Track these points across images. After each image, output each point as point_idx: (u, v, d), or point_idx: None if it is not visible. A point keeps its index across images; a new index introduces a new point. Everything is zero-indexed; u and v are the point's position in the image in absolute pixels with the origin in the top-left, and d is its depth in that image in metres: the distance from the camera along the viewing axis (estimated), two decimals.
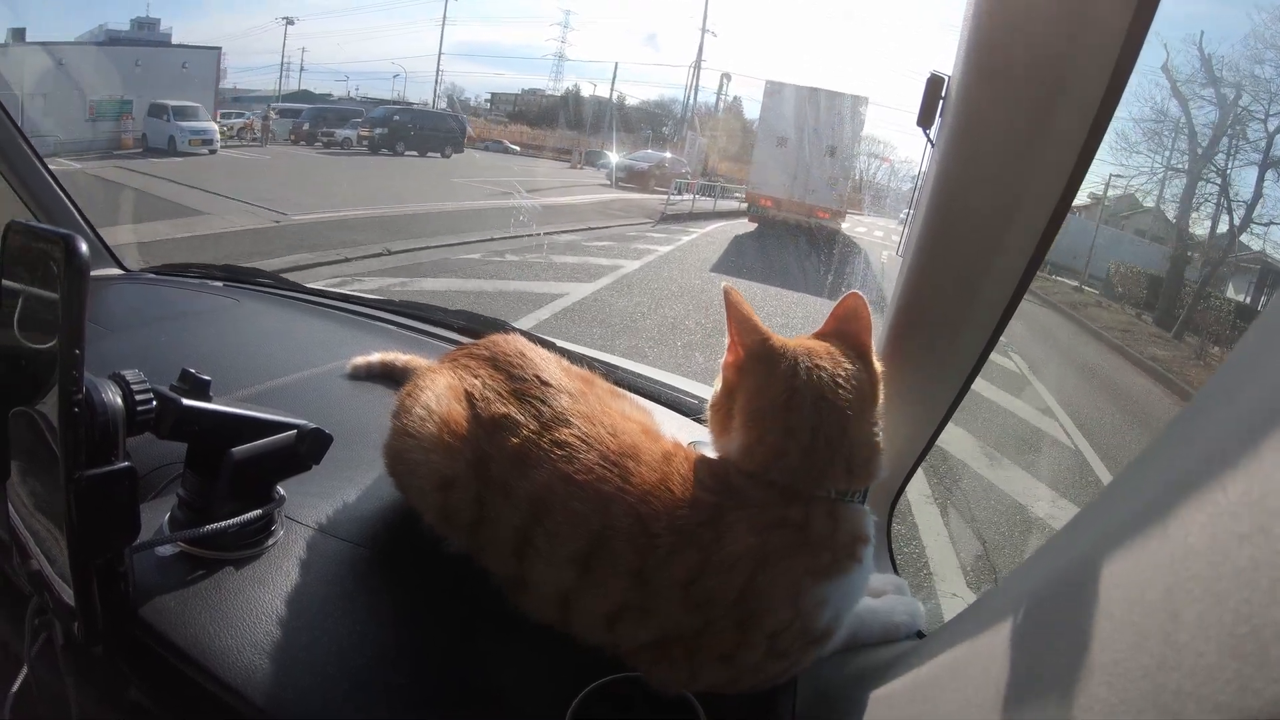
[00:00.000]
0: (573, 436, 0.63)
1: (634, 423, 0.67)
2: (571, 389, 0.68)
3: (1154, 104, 12.17)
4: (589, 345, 1.45)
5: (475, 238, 8.03)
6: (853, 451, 0.59)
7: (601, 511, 0.59)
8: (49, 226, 0.54)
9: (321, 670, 0.59)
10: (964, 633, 0.46)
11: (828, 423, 0.59)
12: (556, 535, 0.60)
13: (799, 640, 0.58)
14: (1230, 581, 0.23)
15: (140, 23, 18.87)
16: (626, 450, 0.62)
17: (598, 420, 0.65)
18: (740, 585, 0.56)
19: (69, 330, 0.50)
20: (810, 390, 0.59)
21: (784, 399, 0.59)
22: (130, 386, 0.58)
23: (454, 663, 0.62)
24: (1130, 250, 12.52)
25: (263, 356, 1.16)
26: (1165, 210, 12.69)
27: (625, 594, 0.58)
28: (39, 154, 1.46)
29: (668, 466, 0.61)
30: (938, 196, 0.63)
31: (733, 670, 0.58)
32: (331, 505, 0.77)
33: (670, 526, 0.58)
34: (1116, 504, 0.35)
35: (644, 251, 8.81)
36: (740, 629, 0.57)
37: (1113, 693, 0.26)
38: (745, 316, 0.63)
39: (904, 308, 0.70)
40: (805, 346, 0.62)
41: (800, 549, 0.57)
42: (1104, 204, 13.21)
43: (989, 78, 0.57)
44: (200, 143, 12.94)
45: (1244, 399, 0.29)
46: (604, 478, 0.60)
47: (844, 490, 0.59)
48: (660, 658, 0.59)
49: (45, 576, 0.59)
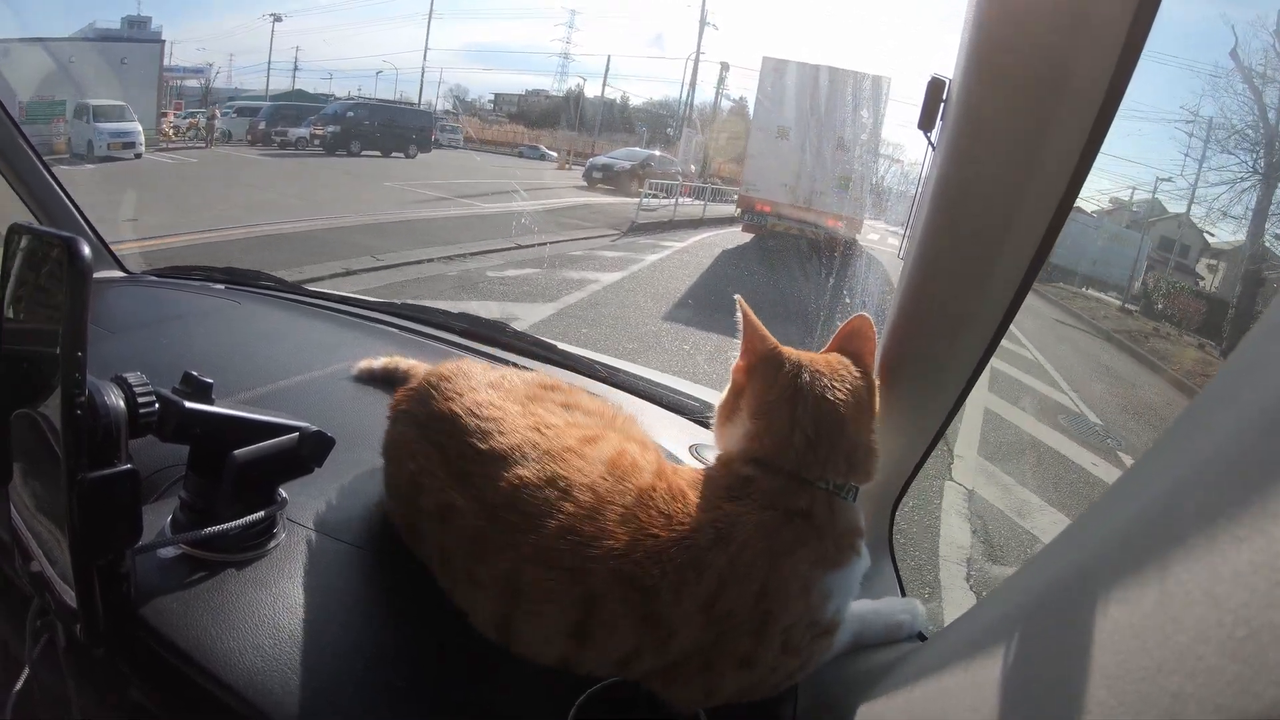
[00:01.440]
0: (529, 509, 0.59)
1: (607, 444, 0.64)
2: (515, 441, 0.63)
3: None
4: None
5: (332, 267, 5.84)
6: (852, 449, 0.63)
7: (581, 582, 0.56)
8: (51, 229, 0.54)
9: (323, 672, 0.59)
10: (965, 636, 0.46)
11: (828, 420, 0.62)
12: (539, 616, 0.58)
13: (809, 633, 0.60)
14: (1229, 584, 0.23)
15: (131, 21, 18.36)
16: (597, 503, 0.58)
17: (557, 472, 0.60)
18: (756, 590, 0.57)
19: (71, 332, 0.50)
20: (812, 390, 0.63)
21: (789, 395, 0.63)
22: (133, 389, 0.58)
23: (455, 665, 0.62)
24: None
25: (265, 359, 1.16)
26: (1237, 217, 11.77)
27: (637, 639, 0.57)
28: (40, 155, 1.47)
29: (650, 504, 0.59)
30: (939, 200, 0.63)
31: (752, 675, 0.59)
32: (334, 508, 0.77)
33: (669, 569, 0.56)
34: (1116, 507, 0.35)
35: (577, 285, 6.30)
36: (756, 631, 0.57)
37: (1112, 695, 0.26)
38: (755, 326, 0.67)
39: (905, 311, 0.70)
40: (809, 356, 0.66)
41: (806, 539, 0.59)
42: (1130, 207, 12.77)
43: (989, 81, 0.57)
44: (121, 146, 11.53)
45: (1244, 401, 0.29)
46: (574, 548, 0.56)
47: (841, 484, 0.62)
48: (674, 679, 0.59)
49: (47, 578, 0.59)
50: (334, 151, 15.57)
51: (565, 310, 5.49)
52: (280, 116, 16.60)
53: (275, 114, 16.75)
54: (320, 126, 16.07)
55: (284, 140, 15.82)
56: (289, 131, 16.01)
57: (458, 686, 0.61)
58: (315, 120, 16.32)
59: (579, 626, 0.57)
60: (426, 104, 25.05)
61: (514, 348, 1.31)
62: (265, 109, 17.08)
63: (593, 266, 7.37)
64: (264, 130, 16.15)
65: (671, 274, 7.70)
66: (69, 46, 13.86)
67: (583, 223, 10.32)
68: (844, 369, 0.65)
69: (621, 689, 0.61)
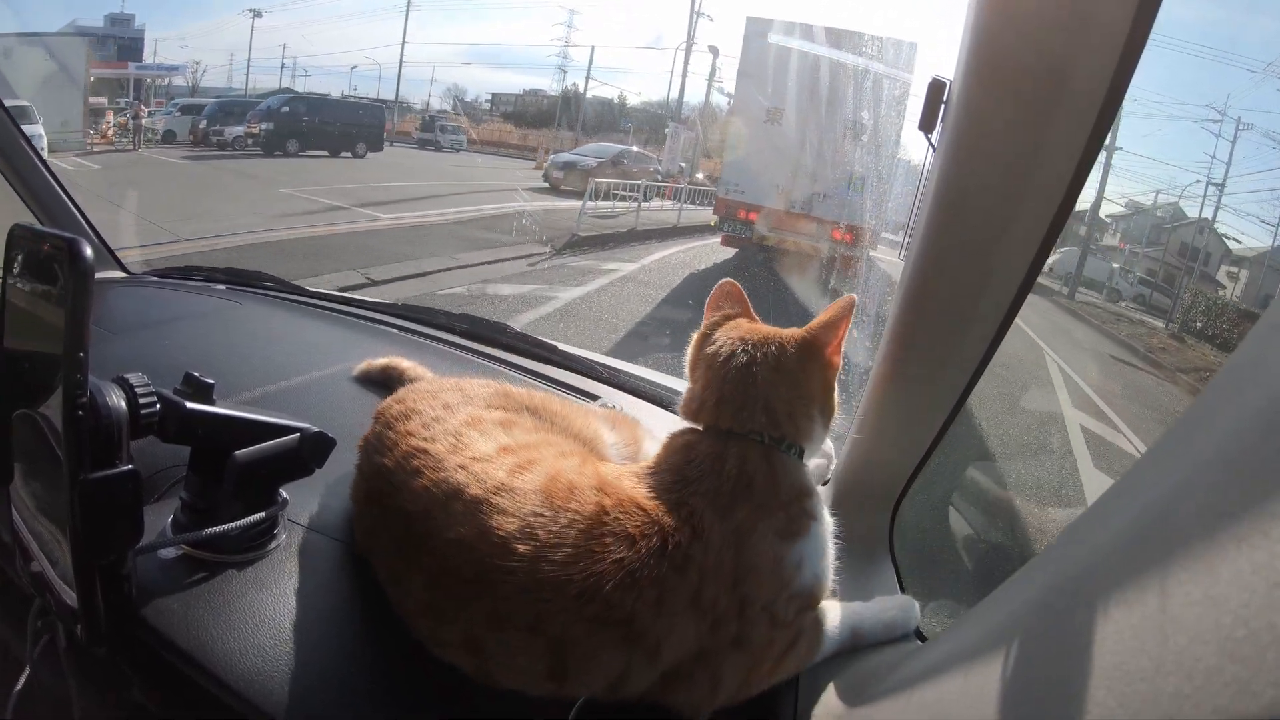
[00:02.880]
0: (469, 574, 0.56)
1: (539, 468, 0.62)
2: (445, 492, 0.60)
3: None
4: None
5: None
6: (769, 402, 0.65)
7: (543, 633, 0.55)
8: (53, 230, 0.54)
9: (322, 672, 0.59)
10: (966, 637, 0.46)
11: (744, 378, 0.65)
12: (510, 668, 0.57)
13: (793, 605, 0.61)
14: (1228, 585, 0.23)
15: (114, 19, 17.95)
16: (539, 550, 0.55)
17: (487, 526, 0.57)
18: (729, 576, 0.57)
19: (73, 333, 0.50)
20: (736, 356, 0.67)
21: (708, 360, 0.68)
22: (134, 390, 0.59)
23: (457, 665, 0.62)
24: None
25: (265, 360, 1.16)
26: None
27: (622, 662, 0.56)
28: (42, 157, 1.47)
29: (604, 530, 0.56)
30: (939, 200, 0.63)
31: (748, 655, 0.59)
32: (334, 509, 0.77)
33: (645, 586, 0.55)
34: (1117, 507, 0.35)
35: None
36: (739, 614, 0.58)
37: (1112, 695, 0.26)
38: (715, 303, 0.74)
39: (905, 311, 0.70)
40: (748, 328, 0.70)
41: (759, 514, 0.60)
42: (1154, 211, 12.17)
43: (990, 82, 0.57)
44: None
45: (1244, 402, 0.29)
46: (526, 605, 0.55)
47: (771, 435, 0.64)
48: (673, 686, 0.58)
49: (48, 578, 0.59)
50: (272, 152, 13.97)
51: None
52: (226, 114, 14.75)
53: (219, 112, 14.83)
54: (255, 124, 14.32)
55: (221, 140, 14.21)
56: (225, 131, 14.30)
57: (458, 686, 0.61)
58: (250, 117, 14.55)
59: (554, 670, 0.56)
60: (407, 101, 24.12)
61: (515, 349, 1.31)
62: (209, 106, 15.18)
63: (481, 306, 5.08)
64: (204, 130, 14.49)
65: (593, 317, 5.36)
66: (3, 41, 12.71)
67: (503, 238, 8.10)
68: (774, 345, 0.67)
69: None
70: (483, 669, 0.58)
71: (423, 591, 0.59)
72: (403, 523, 0.61)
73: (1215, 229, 11.87)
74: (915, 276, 0.68)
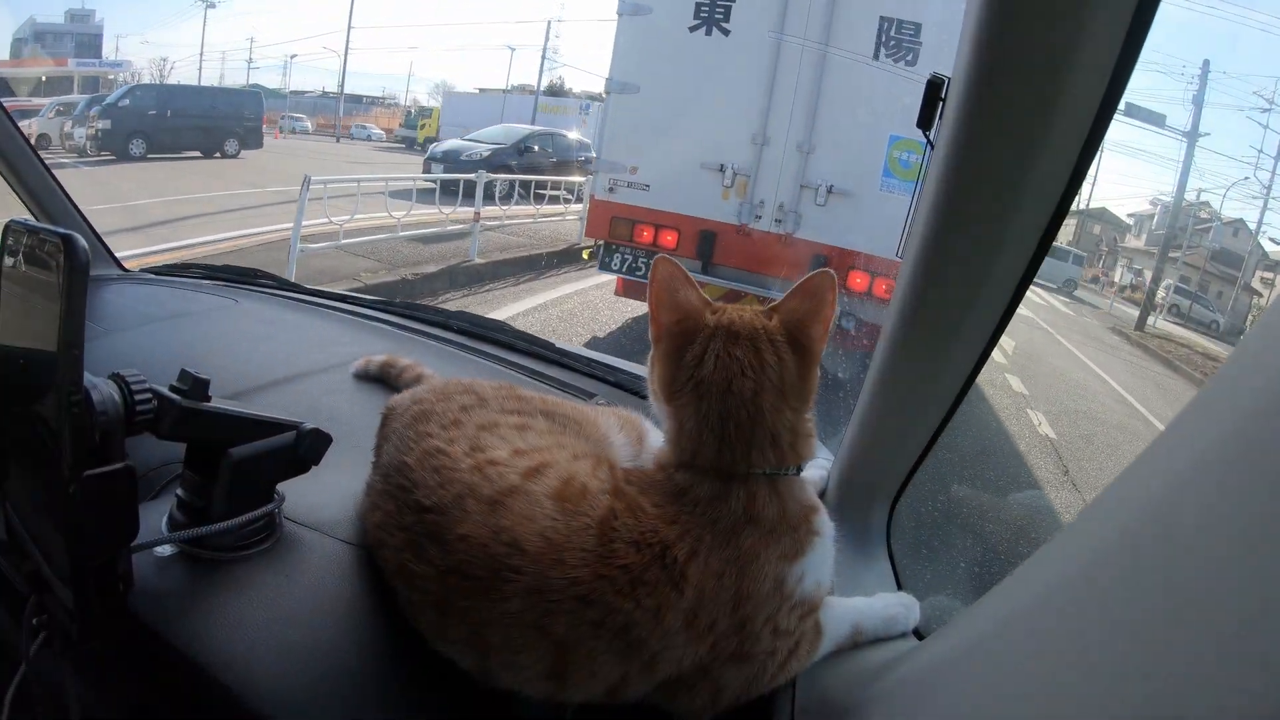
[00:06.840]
0: (478, 571, 0.57)
1: (554, 471, 0.62)
2: (457, 491, 0.61)
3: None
4: None
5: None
6: (776, 434, 0.61)
7: (548, 634, 0.55)
8: (49, 225, 0.54)
9: (320, 669, 0.59)
10: (964, 635, 0.46)
11: (737, 410, 0.60)
12: (512, 666, 0.57)
13: (795, 614, 0.60)
14: (1229, 584, 0.23)
15: (74, 15, 17.33)
16: (549, 550, 0.56)
17: (501, 525, 0.57)
18: (731, 601, 0.57)
19: (68, 330, 0.50)
20: (733, 380, 0.60)
21: (694, 386, 0.61)
22: (129, 386, 0.58)
23: (458, 661, 0.62)
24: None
25: (262, 356, 1.15)
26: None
27: (621, 669, 0.56)
28: (38, 153, 1.46)
29: (613, 534, 0.57)
30: (937, 198, 0.63)
31: (751, 667, 0.59)
32: (331, 506, 0.77)
33: (644, 596, 0.55)
34: (1117, 506, 0.35)
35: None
36: (740, 631, 0.58)
37: (1112, 695, 0.26)
38: (664, 295, 0.63)
39: (903, 310, 0.70)
40: (727, 330, 0.62)
41: (765, 541, 0.59)
42: (1199, 211, 11.40)
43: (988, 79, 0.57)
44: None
45: (1244, 399, 0.29)
46: (532, 605, 0.55)
47: (776, 468, 0.61)
48: (673, 694, 0.59)
49: (43, 576, 0.59)
50: (127, 155, 11.69)
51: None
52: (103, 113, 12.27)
53: (89, 109, 12.46)
54: (92, 123, 11.89)
55: (72, 144, 12.03)
56: (75, 133, 12.16)
57: (458, 684, 0.60)
58: (91, 114, 12.09)
59: (555, 670, 0.56)
60: (391, 96, 23.36)
61: (513, 347, 1.31)
62: (80, 104, 12.84)
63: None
64: (67, 132, 12.39)
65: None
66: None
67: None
68: (765, 345, 0.61)
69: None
70: (484, 668, 0.59)
71: (429, 585, 0.60)
72: (417, 518, 0.62)
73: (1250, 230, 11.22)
74: (912, 274, 0.68)
